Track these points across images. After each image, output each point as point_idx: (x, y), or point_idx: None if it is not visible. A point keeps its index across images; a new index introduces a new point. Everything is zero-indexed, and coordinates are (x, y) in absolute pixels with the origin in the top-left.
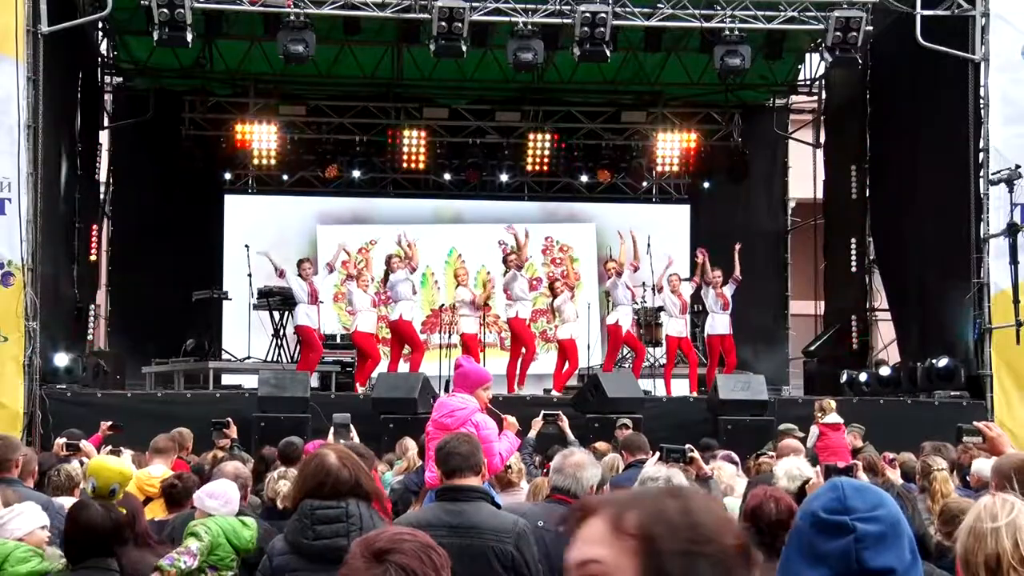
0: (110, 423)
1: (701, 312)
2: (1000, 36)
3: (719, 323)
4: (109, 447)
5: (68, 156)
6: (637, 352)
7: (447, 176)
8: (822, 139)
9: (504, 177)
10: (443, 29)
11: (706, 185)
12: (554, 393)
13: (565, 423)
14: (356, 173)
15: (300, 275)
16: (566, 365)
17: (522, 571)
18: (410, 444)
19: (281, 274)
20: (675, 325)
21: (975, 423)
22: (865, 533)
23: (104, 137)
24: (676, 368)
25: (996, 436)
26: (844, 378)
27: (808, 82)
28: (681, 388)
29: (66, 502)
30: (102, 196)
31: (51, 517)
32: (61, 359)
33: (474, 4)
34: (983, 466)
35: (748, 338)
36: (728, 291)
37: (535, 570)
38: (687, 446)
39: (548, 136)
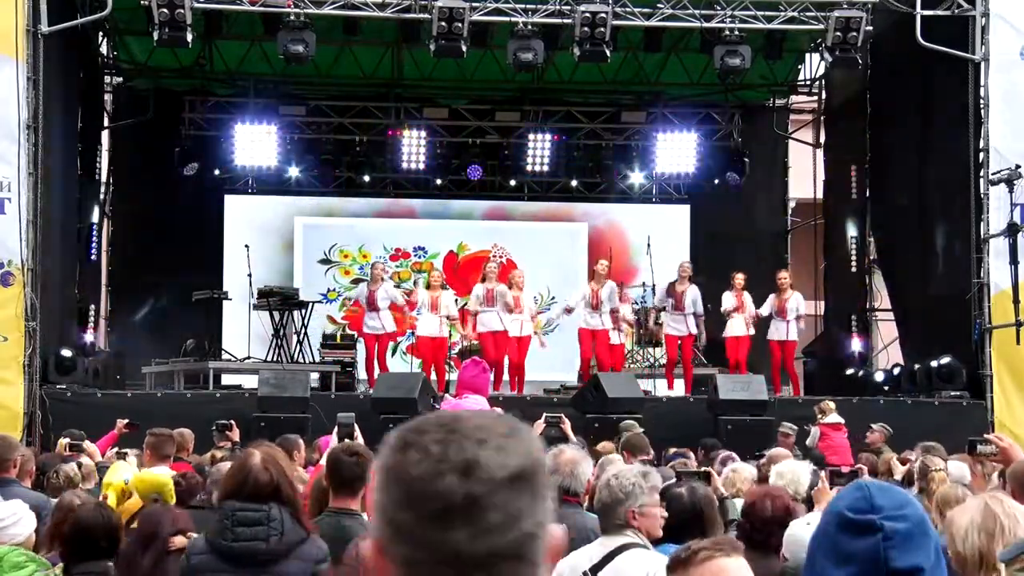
0: (126, 421)
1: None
2: (1000, 36)
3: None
4: (115, 449)
5: (68, 156)
6: (688, 369)
7: (447, 176)
8: (822, 139)
9: (503, 177)
10: (443, 29)
11: (718, 180)
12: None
13: (567, 425)
14: (356, 173)
15: (371, 279)
16: None
17: None
18: None
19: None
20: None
21: (986, 435)
22: (893, 531)
23: (104, 137)
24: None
25: (1008, 447)
26: (849, 376)
27: (808, 82)
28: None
29: None
30: (102, 196)
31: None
32: (61, 357)
33: (474, 4)
34: (955, 468)
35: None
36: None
37: None
38: (704, 469)
39: (548, 136)
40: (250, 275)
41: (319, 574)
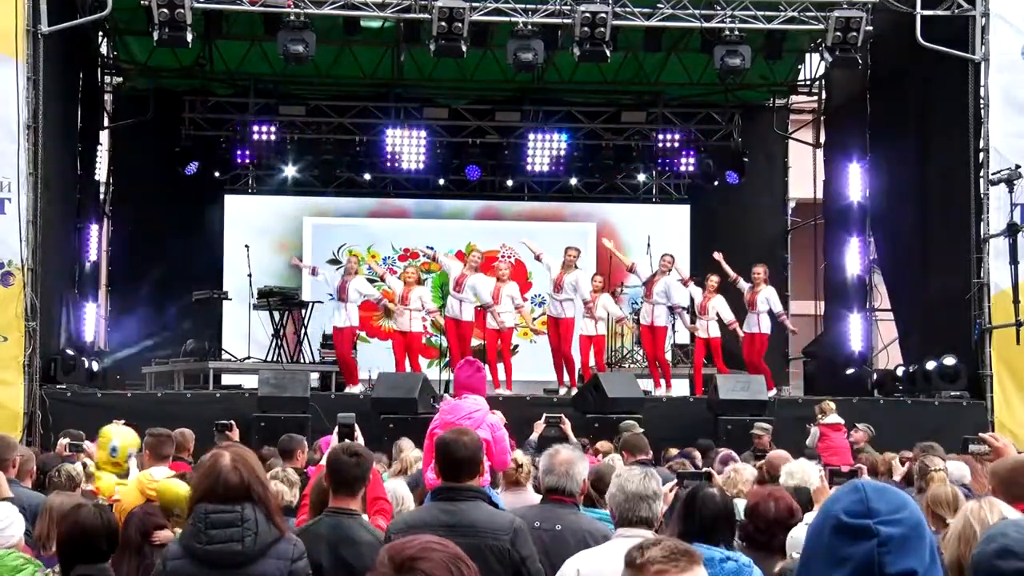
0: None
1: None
2: (1000, 36)
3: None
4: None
5: (68, 156)
6: (664, 365)
7: (447, 176)
8: (822, 139)
9: (503, 177)
10: (443, 29)
11: (718, 180)
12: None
13: (567, 425)
14: (356, 173)
15: (345, 271)
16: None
17: (519, 569)
18: (405, 445)
19: (314, 271)
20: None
21: (980, 434)
22: (888, 537)
23: (104, 137)
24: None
25: (1002, 446)
26: (849, 376)
27: (808, 82)
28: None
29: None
30: (102, 196)
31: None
32: (66, 356)
33: (474, 4)
34: (955, 468)
35: None
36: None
37: (533, 568)
38: (705, 470)
39: (548, 136)
40: (250, 275)
41: (296, 572)
